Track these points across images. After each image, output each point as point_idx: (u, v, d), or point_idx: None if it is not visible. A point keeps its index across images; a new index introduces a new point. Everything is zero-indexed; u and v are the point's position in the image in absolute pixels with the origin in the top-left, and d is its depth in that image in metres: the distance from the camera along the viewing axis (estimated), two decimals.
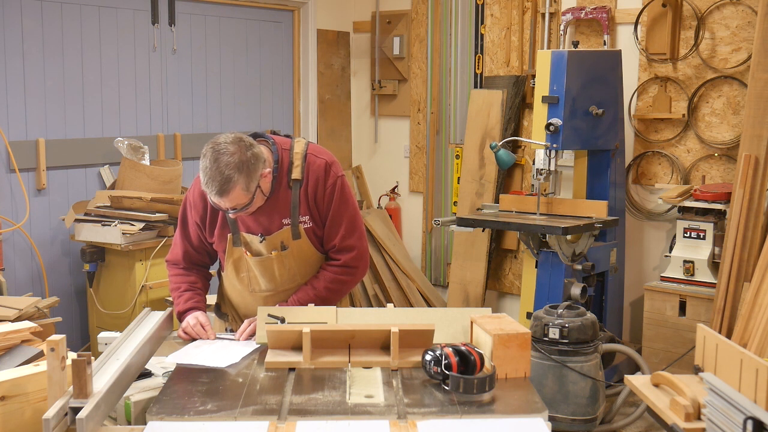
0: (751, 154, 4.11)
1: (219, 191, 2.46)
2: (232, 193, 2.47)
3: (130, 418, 2.15)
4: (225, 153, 2.47)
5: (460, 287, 5.49)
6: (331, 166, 2.72)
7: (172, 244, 2.92)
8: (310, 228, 2.72)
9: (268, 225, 2.70)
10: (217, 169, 2.45)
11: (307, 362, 2.29)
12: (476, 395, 2.06)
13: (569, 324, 3.60)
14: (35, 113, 4.53)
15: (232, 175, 2.45)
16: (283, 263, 2.73)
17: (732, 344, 2.09)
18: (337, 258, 2.76)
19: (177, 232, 2.88)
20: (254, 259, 2.73)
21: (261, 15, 5.72)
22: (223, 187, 2.45)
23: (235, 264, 2.78)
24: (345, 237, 2.73)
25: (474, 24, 5.64)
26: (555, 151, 4.28)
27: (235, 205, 2.52)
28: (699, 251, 4.41)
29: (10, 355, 2.26)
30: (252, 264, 2.75)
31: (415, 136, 6.06)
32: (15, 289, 4.34)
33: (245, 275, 2.79)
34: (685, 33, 4.70)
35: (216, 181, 2.45)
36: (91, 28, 4.75)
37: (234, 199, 2.49)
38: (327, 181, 2.69)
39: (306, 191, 2.68)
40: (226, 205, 2.52)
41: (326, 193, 2.69)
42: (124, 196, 4.42)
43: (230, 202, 2.50)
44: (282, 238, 2.70)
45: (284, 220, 2.69)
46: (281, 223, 2.69)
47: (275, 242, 2.70)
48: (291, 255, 2.72)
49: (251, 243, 2.72)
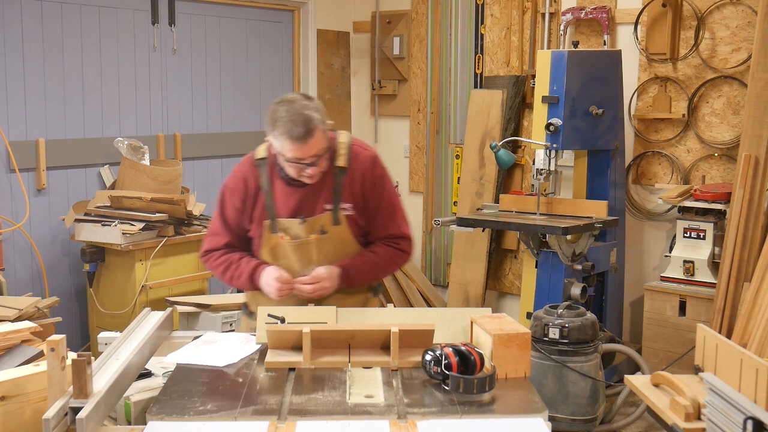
0: (751, 154, 4.11)
1: (305, 132, 2.48)
2: (316, 133, 2.51)
3: (130, 418, 2.15)
4: (297, 100, 2.53)
5: (460, 287, 5.49)
6: (377, 158, 2.77)
7: (209, 236, 2.86)
8: (351, 216, 2.72)
9: (311, 207, 2.70)
10: (297, 112, 2.49)
11: (307, 362, 2.29)
12: (476, 395, 2.06)
13: (569, 324, 3.60)
14: (35, 113, 4.53)
15: (312, 114, 2.50)
16: (321, 248, 2.71)
17: (732, 344, 2.10)
18: (396, 242, 2.79)
19: (216, 224, 2.83)
20: (293, 242, 2.71)
21: (261, 15, 5.72)
22: (308, 126, 2.48)
23: (272, 251, 2.75)
24: (401, 225, 2.79)
25: (474, 24, 5.64)
26: (555, 151, 4.28)
27: (317, 150, 2.54)
28: (699, 251, 4.41)
29: (10, 355, 2.26)
30: (290, 249, 2.72)
31: (415, 136, 6.06)
32: (15, 289, 4.34)
33: (282, 262, 2.75)
34: (685, 33, 4.70)
35: (299, 122, 2.48)
36: (91, 28, 4.75)
37: (317, 143, 2.52)
38: (375, 172, 2.73)
39: (352, 180, 2.70)
40: (309, 152, 2.53)
41: (376, 184, 2.73)
42: (124, 196, 4.42)
43: (314, 146, 2.52)
44: (322, 222, 2.70)
45: (326, 205, 2.70)
46: (323, 207, 2.70)
47: (315, 226, 2.70)
48: (330, 241, 2.71)
49: (290, 227, 2.71)
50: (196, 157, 5.35)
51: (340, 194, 2.69)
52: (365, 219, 2.76)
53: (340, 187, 2.69)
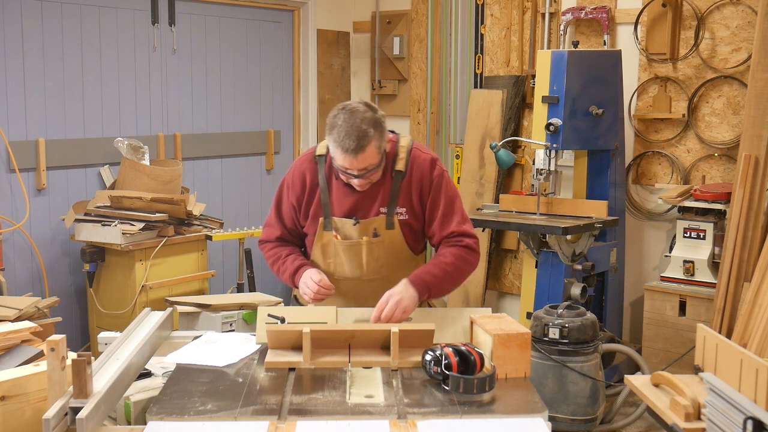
0: (751, 154, 4.11)
1: (357, 147, 2.47)
2: (368, 149, 2.50)
3: (130, 418, 2.15)
4: (358, 111, 2.51)
5: (460, 287, 5.47)
6: (436, 161, 2.75)
7: (265, 226, 2.89)
8: (405, 221, 2.72)
9: (366, 210, 2.70)
10: (353, 125, 2.48)
11: (307, 362, 2.29)
12: (476, 395, 2.06)
13: (569, 324, 3.60)
14: (35, 113, 4.53)
15: (368, 130, 2.49)
16: (372, 252, 2.72)
17: (732, 344, 2.10)
18: (459, 240, 2.73)
19: (271, 215, 2.86)
20: (344, 243, 2.71)
21: (261, 15, 5.72)
22: (360, 142, 2.47)
23: (324, 249, 2.76)
24: (461, 223, 2.74)
25: (474, 24, 5.64)
26: (555, 151, 4.28)
27: (367, 165, 2.54)
28: (699, 251, 4.41)
29: (10, 355, 2.26)
30: (341, 249, 2.73)
31: (415, 136, 6.06)
32: (15, 289, 4.34)
33: (332, 261, 2.76)
34: (685, 33, 4.70)
35: (353, 136, 2.47)
36: (91, 28, 4.75)
37: (368, 157, 2.52)
38: (433, 173, 2.72)
39: (410, 184, 2.70)
40: (359, 165, 2.53)
41: (434, 184, 2.71)
42: (124, 196, 4.42)
43: (364, 161, 2.52)
44: (376, 225, 2.70)
45: (381, 209, 2.70)
46: (378, 210, 2.70)
47: (368, 228, 2.70)
48: (381, 244, 2.72)
49: (343, 227, 2.71)
50: (196, 157, 5.34)
51: (397, 198, 2.69)
52: (421, 223, 2.75)
53: (398, 191, 2.69)
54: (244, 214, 5.61)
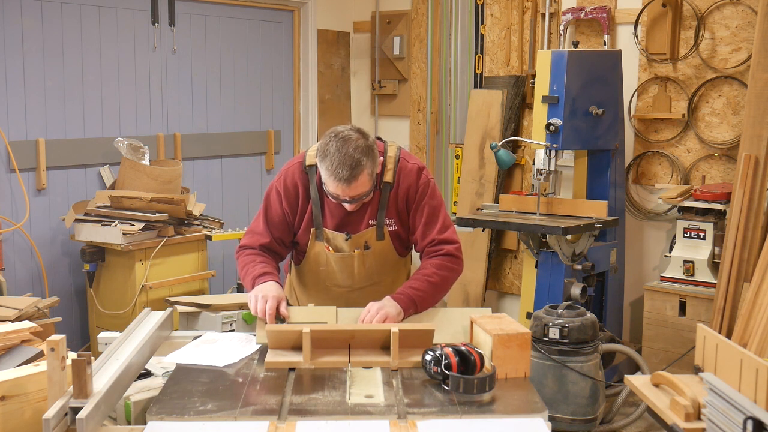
0: (751, 154, 4.11)
1: (350, 176, 2.48)
2: (360, 177, 2.50)
3: (130, 418, 2.15)
4: (351, 139, 2.50)
5: (460, 287, 5.49)
6: (422, 169, 2.76)
7: (249, 232, 2.82)
8: (395, 231, 2.75)
9: (356, 223, 2.72)
10: (346, 154, 2.47)
11: (307, 362, 2.29)
12: (476, 395, 2.06)
13: (569, 324, 3.60)
14: (35, 113, 4.53)
15: (361, 159, 2.49)
16: (364, 262, 2.76)
17: (732, 344, 2.09)
18: (439, 248, 2.73)
19: (258, 223, 2.80)
20: (336, 255, 2.75)
21: (261, 15, 5.72)
22: (354, 171, 2.48)
23: (316, 257, 2.79)
24: (442, 230, 2.74)
25: (474, 24, 5.64)
26: (555, 151, 4.28)
27: (360, 192, 2.55)
28: (699, 251, 4.41)
29: (10, 355, 2.26)
30: (333, 260, 2.76)
31: (415, 136, 6.06)
32: (15, 289, 4.34)
33: (324, 269, 2.79)
34: (685, 33, 4.70)
35: (346, 165, 2.47)
36: (91, 28, 4.75)
37: (360, 185, 2.53)
38: (419, 181, 2.73)
39: (396, 194, 2.71)
40: (351, 193, 2.53)
41: (419, 192, 2.72)
42: (124, 196, 4.42)
43: (356, 189, 2.53)
44: (367, 237, 2.73)
45: (371, 221, 2.72)
46: (368, 223, 2.73)
47: (359, 241, 2.74)
48: (372, 255, 2.75)
49: (334, 239, 2.74)
50: (196, 157, 5.34)
51: (386, 210, 2.71)
52: (408, 231, 2.78)
53: (386, 202, 2.71)
54: (244, 214, 5.61)
